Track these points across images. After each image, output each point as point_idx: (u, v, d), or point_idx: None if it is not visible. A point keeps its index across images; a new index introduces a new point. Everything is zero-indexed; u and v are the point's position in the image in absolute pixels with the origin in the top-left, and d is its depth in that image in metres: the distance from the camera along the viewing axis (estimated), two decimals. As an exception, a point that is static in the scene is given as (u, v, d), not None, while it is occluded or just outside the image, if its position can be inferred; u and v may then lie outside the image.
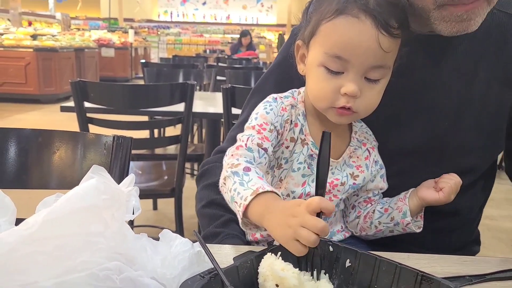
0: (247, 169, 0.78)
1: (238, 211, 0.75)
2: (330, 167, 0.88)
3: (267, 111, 0.87)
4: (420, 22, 0.92)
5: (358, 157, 0.93)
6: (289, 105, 0.90)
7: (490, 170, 1.10)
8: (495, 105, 0.98)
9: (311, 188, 0.89)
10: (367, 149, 0.95)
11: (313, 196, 0.72)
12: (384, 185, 0.97)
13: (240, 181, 0.76)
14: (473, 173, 1.00)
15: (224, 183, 0.81)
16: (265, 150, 0.84)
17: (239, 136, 0.87)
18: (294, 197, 0.90)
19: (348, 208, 0.99)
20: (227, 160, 0.84)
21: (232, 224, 0.99)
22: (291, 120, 0.90)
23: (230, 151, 0.85)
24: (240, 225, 0.78)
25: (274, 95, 0.92)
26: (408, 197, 0.93)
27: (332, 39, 0.81)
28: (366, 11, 0.78)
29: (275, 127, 0.87)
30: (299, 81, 0.97)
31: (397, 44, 0.82)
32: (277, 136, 0.88)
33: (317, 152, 0.86)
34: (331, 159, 0.87)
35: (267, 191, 0.73)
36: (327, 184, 0.88)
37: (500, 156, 1.24)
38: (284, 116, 0.88)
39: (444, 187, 0.88)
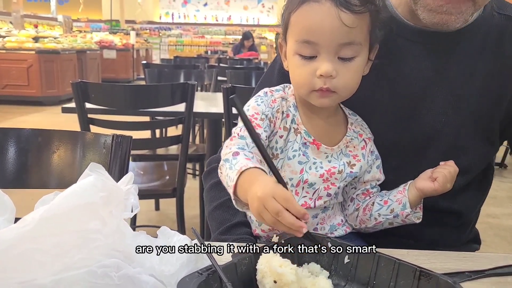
0: (235, 154, 0.81)
1: (230, 193, 0.77)
2: (326, 155, 0.92)
3: (258, 103, 0.91)
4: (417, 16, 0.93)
5: (354, 147, 0.95)
6: (279, 97, 0.93)
7: (486, 170, 1.10)
8: (492, 103, 0.99)
9: (309, 175, 0.92)
10: (363, 139, 0.97)
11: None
12: (381, 176, 0.98)
13: (230, 166, 0.79)
14: (469, 173, 1.00)
15: (221, 173, 0.84)
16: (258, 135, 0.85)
17: (233, 129, 0.90)
18: (292, 185, 0.92)
19: (346, 201, 1.00)
20: (222, 151, 0.86)
21: (240, 227, 1.00)
22: (283, 111, 0.92)
23: (225, 143, 0.88)
24: (235, 205, 0.79)
25: (266, 89, 0.95)
26: (407, 189, 0.94)
27: (300, 26, 0.86)
28: None
29: (266, 115, 0.90)
30: None
31: (362, 19, 0.84)
32: (270, 125, 0.90)
33: (310, 140, 0.91)
34: (326, 146, 0.92)
35: (250, 168, 0.74)
36: (325, 172, 0.91)
37: (499, 156, 1.23)
38: (275, 107, 0.91)
39: (438, 176, 0.89)
